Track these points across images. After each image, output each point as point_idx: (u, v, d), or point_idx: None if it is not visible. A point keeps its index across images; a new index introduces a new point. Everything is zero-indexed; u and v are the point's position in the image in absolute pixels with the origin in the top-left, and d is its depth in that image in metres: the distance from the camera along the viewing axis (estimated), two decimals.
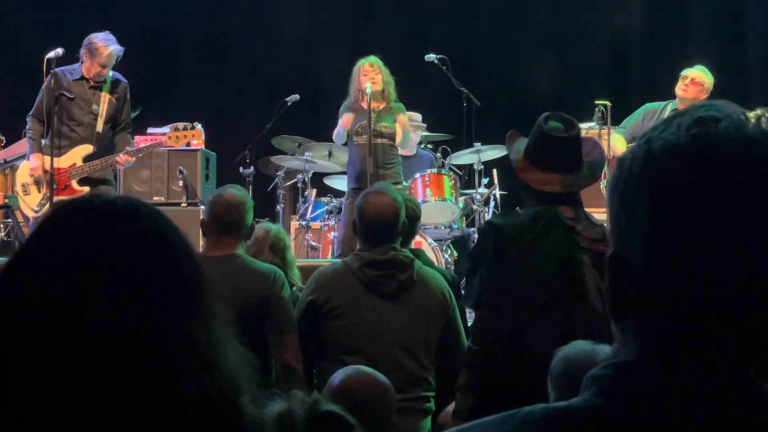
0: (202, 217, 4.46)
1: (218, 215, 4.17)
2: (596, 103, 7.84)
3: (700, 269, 0.98)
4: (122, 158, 6.86)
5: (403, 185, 7.21)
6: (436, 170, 8.01)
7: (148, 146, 7.27)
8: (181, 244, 1.25)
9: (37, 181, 6.92)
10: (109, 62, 6.86)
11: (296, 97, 8.92)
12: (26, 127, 7.02)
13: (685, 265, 0.99)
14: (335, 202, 8.09)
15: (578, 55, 10.61)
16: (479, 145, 8.41)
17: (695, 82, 7.57)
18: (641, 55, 10.66)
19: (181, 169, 7.93)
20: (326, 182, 8.68)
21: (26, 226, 7.40)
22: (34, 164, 6.89)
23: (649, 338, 1.02)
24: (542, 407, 1.02)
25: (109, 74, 6.95)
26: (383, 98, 7.21)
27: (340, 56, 8.95)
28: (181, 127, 7.10)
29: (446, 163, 8.49)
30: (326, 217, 8.22)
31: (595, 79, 10.30)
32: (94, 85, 6.93)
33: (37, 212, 6.92)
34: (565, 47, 10.70)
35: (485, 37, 10.85)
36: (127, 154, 6.87)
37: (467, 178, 9.03)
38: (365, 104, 7.07)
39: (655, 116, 7.62)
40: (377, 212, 4.14)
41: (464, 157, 8.61)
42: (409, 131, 7.38)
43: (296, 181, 8.71)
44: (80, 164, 6.86)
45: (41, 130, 6.94)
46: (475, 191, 8.41)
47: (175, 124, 7.12)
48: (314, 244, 8.24)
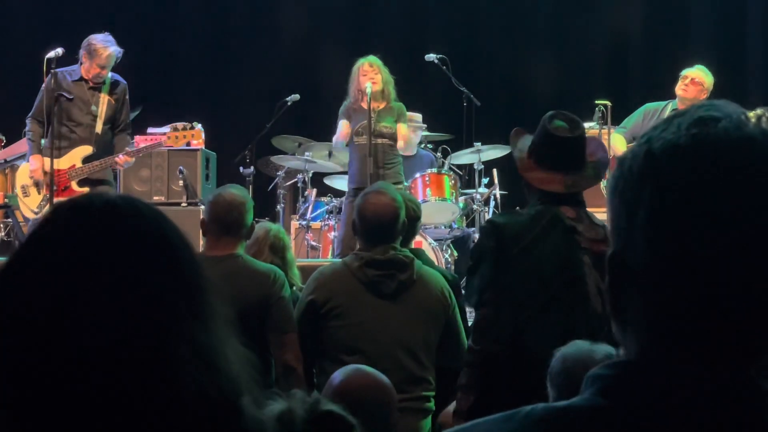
0: (202, 216, 4.46)
1: (218, 215, 4.17)
2: (596, 103, 7.83)
3: (700, 269, 0.98)
4: (122, 159, 6.86)
5: (403, 185, 7.21)
6: (436, 170, 8.01)
7: (147, 146, 7.27)
8: (181, 243, 1.25)
9: (36, 182, 6.91)
10: (108, 63, 6.86)
11: (296, 96, 8.92)
12: (26, 128, 7.02)
13: (685, 264, 0.99)
14: (335, 201, 8.08)
15: (578, 55, 10.61)
16: (479, 144, 8.41)
17: (695, 82, 7.56)
18: (641, 55, 10.65)
19: (181, 168, 7.93)
20: (326, 182, 8.68)
21: (26, 226, 7.40)
22: (33, 166, 6.89)
23: (649, 338, 1.02)
24: (543, 407, 1.02)
25: (108, 75, 6.95)
26: (383, 98, 7.21)
27: (340, 56, 8.94)
28: (180, 127, 7.09)
29: (446, 162, 8.49)
30: (326, 216, 8.22)
31: (595, 78, 10.30)
32: (93, 86, 6.92)
33: (36, 213, 6.91)
34: (565, 47, 10.70)
35: (485, 37, 10.85)
36: (126, 154, 6.87)
37: (467, 177, 9.02)
38: (365, 104, 7.07)
39: (655, 116, 7.61)
40: (377, 212, 4.14)
41: (464, 156, 8.61)
42: (411, 139, 7.38)
43: (296, 180, 8.71)
44: (80, 165, 6.85)
45: (41, 131, 6.94)
46: (475, 191, 8.40)
47: (174, 124, 7.12)
48: (314, 243, 8.24)
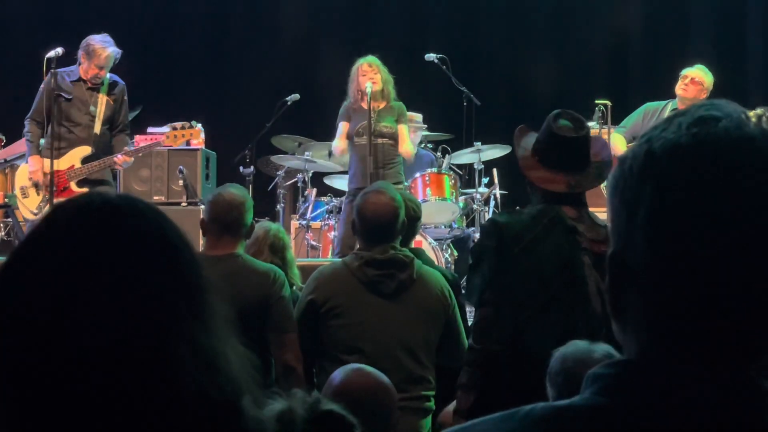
0: (201, 216, 4.46)
1: (218, 215, 4.17)
2: (596, 102, 7.83)
3: (700, 269, 0.98)
4: (120, 159, 6.85)
5: (403, 185, 7.20)
6: (436, 170, 8.01)
7: (146, 146, 7.26)
8: (181, 243, 1.24)
9: (35, 183, 6.91)
10: (106, 64, 6.85)
11: (296, 96, 8.92)
12: (24, 129, 7.01)
13: (685, 264, 0.99)
14: (335, 201, 8.08)
15: (578, 54, 10.61)
16: (479, 144, 8.40)
17: (695, 81, 7.56)
18: (641, 54, 10.65)
19: (181, 168, 7.92)
20: (326, 182, 8.68)
21: (26, 225, 7.39)
22: (32, 167, 6.88)
23: (649, 338, 1.02)
24: (543, 406, 1.02)
25: (106, 76, 6.95)
26: (383, 97, 7.20)
27: (340, 56, 8.94)
28: (179, 126, 7.09)
29: (446, 162, 8.48)
30: (326, 216, 8.21)
31: (595, 78, 10.30)
32: (91, 86, 6.92)
33: (36, 214, 6.91)
34: (565, 47, 10.70)
35: (485, 36, 10.85)
36: (125, 154, 6.87)
37: (467, 177, 9.02)
38: (365, 104, 7.07)
39: (655, 116, 7.61)
40: (376, 211, 4.14)
41: (464, 156, 8.61)
42: (412, 151, 7.38)
43: (296, 180, 8.71)
44: (79, 166, 6.85)
45: (39, 132, 6.93)
46: (475, 191, 8.41)
47: (173, 123, 7.12)
48: (314, 243, 8.24)
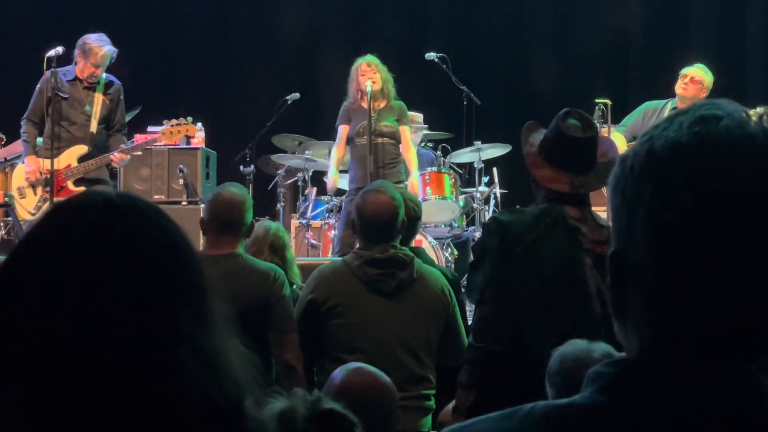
0: (202, 215, 4.46)
1: (218, 214, 4.16)
2: (596, 101, 7.83)
3: (700, 267, 0.98)
4: (117, 156, 6.85)
5: (404, 184, 7.20)
6: (436, 168, 8.01)
7: (142, 143, 7.25)
8: (182, 242, 1.23)
9: (32, 183, 6.91)
10: (102, 63, 6.85)
11: (296, 95, 8.92)
12: (21, 130, 7.01)
13: (685, 263, 0.99)
14: (335, 200, 8.08)
15: (578, 53, 10.60)
16: (479, 143, 8.41)
17: (695, 80, 7.56)
18: (641, 53, 10.65)
19: (181, 167, 7.92)
20: (326, 180, 8.66)
21: (25, 225, 7.39)
22: (29, 167, 6.88)
23: (650, 336, 1.02)
24: (543, 404, 1.02)
25: (102, 75, 6.95)
26: (383, 96, 7.20)
27: (340, 55, 8.95)
28: (175, 122, 7.09)
29: (446, 161, 8.48)
30: (326, 215, 8.21)
31: (595, 77, 10.30)
32: (87, 85, 6.92)
33: (33, 214, 6.91)
34: (565, 46, 10.70)
35: (485, 35, 10.84)
36: (121, 151, 6.87)
37: (467, 176, 9.02)
38: (365, 104, 7.06)
39: (655, 115, 7.61)
40: (376, 211, 4.14)
41: (464, 155, 8.61)
42: (415, 158, 7.38)
43: (296, 179, 8.71)
44: (75, 165, 6.85)
45: (35, 132, 6.94)
46: (475, 190, 8.41)
47: (169, 120, 7.11)
48: (314, 242, 8.24)
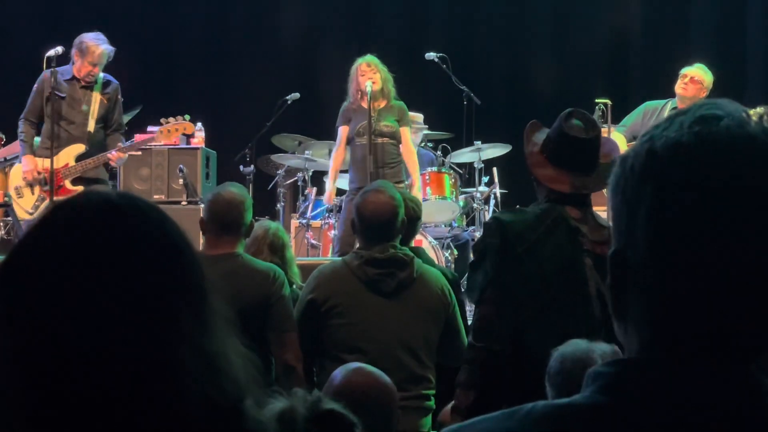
0: (201, 215, 4.46)
1: (217, 214, 4.16)
2: (596, 101, 7.82)
3: (700, 267, 0.98)
4: (115, 155, 6.85)
5: (404, 184, 7.19)
6: (436, 168, 8.01)
7: (139, 142, 7.24)
8: (182, 243, 1.23)
9: (30, 183, 6.90)
10: (100, 61, 6.84)
11: (296, 95, 8.92)
12: (18, 129, 7.00)
13: (685, 263, 0.99)
14: (335, 200, 8.08)
15: (578, 53, 10.60)
16: (479, 143, 8.41)
17: (694, 80, 7.56)
18: (641, 53, 10.65)
19: (181, 167, 7.92)
20: (326, 180, 8.66)
21: (24, 224, 7.39)
22: (26, 167, 6.88)
23: (650, 336, 1.02)
24: (544, 404, 1.02)
25: (99, 75, 6.94)
26: (383, 96, 7.20)
27: (340, 55, 8.95)
28: (171, 121, 7.09)
29: (446, 161, 8.48)
30: (326, 215, 8.21)
31: (595, 77, 10.30)
32: (84, 85, 6.91)
33: (31, 214, 6.90)
34: (565, 46, 10.70)
35: (485, 35, 10.84)
36: (119, 150, 6.86)
37: (467, 176, 9.02)
38: (365, 104, 7.06)
39: (654, 114, 7.61)
40: (375, 210, 4.14)
41: (464, 155, 8.61)
42: (414, 152, 7.38)
43: (296, 179, 8.71)
44: (73, 164, 6.84)
45: (33, 132, 6.94)
46: (475, 189, 8.41)
47: (166, 119, 7.11)
48: (314, 242, 8.24)
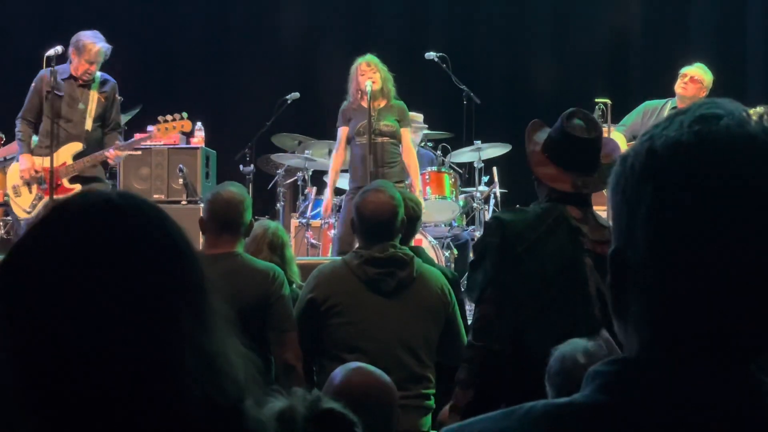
0: (201, 215, 4.46)
1: (217, 213, 4.16)
2: (596, 101, 7.82)
3: (700, 267, 0.98)
4: (112, 153, 6.84)
5: (404, 183, 7.19)
6: (436, 168, 8.01)
7: (137, 140, 7.24)
8: (182, 242, 1.23)
9: (27, 182, 6.90)
10: (96, 59, 6.84)
11: (296, 95, 8.92)
12: (16, 129, 7.00)
13: (685, 262, 0.99)
14: (335, 200, 8.08)
15: (578, 53, 10.60)
16: (479, 143, 8.40)
17: (694, 79, 7.56)
18: (641, 53, 10.65)
19: (181, 167, 7.92)
20: (326, 180, 8.65)
21: (23, 223, 7.39)
22: (23, 165, 6.88)
23: (650, 335, 1.02)
24: (544, 403, 1.02)
25: (97, 73, 6.94)
26: (383, 96, 7.19)
27: (340, 54, 8.94)
28: (169, 119, 7.09)
29: (446, 161, 8.48)
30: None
31: (595, 77, 10.29)
32: (82, 83, 6.91)
33: (29, 213, 6.90)
34: (565, 45, 10.70)
35: (485, 35, 10.84)
36: (117, 148, 6.86)
37: (467, 176, 9.02)
38: (365, 103, 7.06)
39: (654, 114, 7.61)
40: (375, 210, 4.14)
41: (464, 155, 8.61)
42: (414, 154, 7.38)
43: (296, 179, 8.71)
44: (71, 162, 6.84)
45: (30, 131, 6.94)
46: (475, 189, 8.40)
47: (164, 116, 7.11)
48: (314, 241, 8.24)
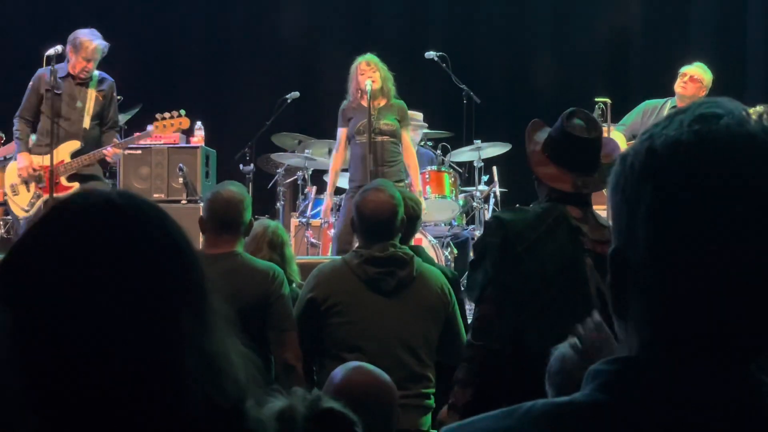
0: (201, 214, 4.46)
1: (217, 213, 4.16)
2: (596, 100, 7.82)
3: (700, 266, 0.98)
4: (110, 151, 6.84)
5: (404, 183, 7.19)
6: (436, 167, 8.01)
7: (135, 137, 7.24)
8: (182, 242, 1.22)
9: (25, 180, 6.90)
10: (93, 57, 6.84)
11: (296, 94, 8.92)
12: (13, 127, 7.01)
13: (685, 262, 0.99)
14: (335, 199, 8.08)
15: (578, 52, 10.60)
16: (479, 142, 8.41)
17: (694, 79, 7.56)
18: (641, 52, 10.65)
19: (181, 166, 7.91)
20: (326, 179, 8.64)
21: (22, 222, 7.39)
22: (21, 164, 6.88)
23: (650, 335, 1.02)
24: (543, 402, 1.03)
25: (95, 72, 6.94)
26: (383, 95, 7.19)
27: (340, 54, 8.94)
28: (167, 116, 7.09)
29: (446, 160, 8.48)
30: None
31: (594, 76, 10.29)
32: (79, 82, 6.91)
33: (27, 211, 6.90)
34: (565, 44, 10.70)
35: (485, 35, 10.84)
36: (114, 146, 6.86)
37: (467, 175, 9.02)
38: (365, 102, 7.06)
39: (654, 113, 7.61)
40: (375, 209, 4.14)
41: (464, 154, 8.61)
42: (414, 155, 7.38)
43: (296, 178, 8.71)
44: (68, 160, 6.84)
45: (28, 130, 6.94)
46: (475, 188, 8.40)
47: (161, 114, 7.11)
48: (314, 241, 8.24)
